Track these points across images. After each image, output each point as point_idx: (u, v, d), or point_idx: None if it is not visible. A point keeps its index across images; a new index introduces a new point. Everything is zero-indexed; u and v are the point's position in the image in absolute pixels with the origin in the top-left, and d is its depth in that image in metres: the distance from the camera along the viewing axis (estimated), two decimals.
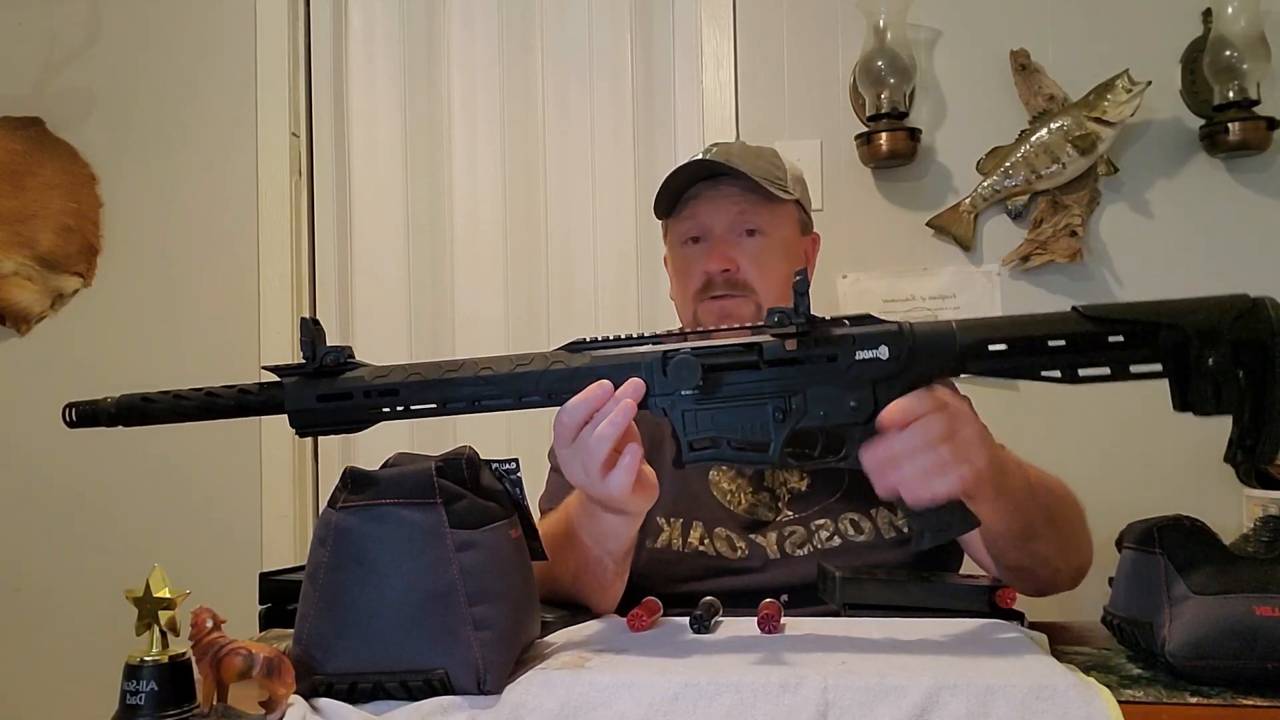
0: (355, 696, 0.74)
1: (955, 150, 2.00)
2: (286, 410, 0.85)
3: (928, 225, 1.99)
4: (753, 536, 1.17)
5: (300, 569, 0.85)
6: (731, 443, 0.83)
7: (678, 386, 0.82)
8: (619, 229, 2.16)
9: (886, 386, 0.81)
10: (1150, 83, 1.84)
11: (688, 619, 0.91)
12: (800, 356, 0.82)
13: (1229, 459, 0.79)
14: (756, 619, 0.89)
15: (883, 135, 1.94)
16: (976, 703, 0.66)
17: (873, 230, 2.00)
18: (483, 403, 0.85)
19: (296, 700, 0.71)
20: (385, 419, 0.85)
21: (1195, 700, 0.71)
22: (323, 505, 0.79)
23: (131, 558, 1.91)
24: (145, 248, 2.26)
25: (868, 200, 2.02)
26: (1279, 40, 1.85)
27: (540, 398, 0.84)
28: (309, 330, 0.85)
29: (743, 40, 2.08)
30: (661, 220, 1.32)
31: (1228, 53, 1.83)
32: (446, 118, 2.24)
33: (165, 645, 0.72)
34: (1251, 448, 0.77)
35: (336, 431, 0.86)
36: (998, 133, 1.96)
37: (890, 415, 0.80)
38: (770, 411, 0.82)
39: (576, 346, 0.86)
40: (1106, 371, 0.79)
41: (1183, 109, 1.94)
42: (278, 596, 1.06)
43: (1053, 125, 1.90)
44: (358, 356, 0.87)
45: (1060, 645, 0.86)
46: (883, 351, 0.81)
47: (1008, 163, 1.94)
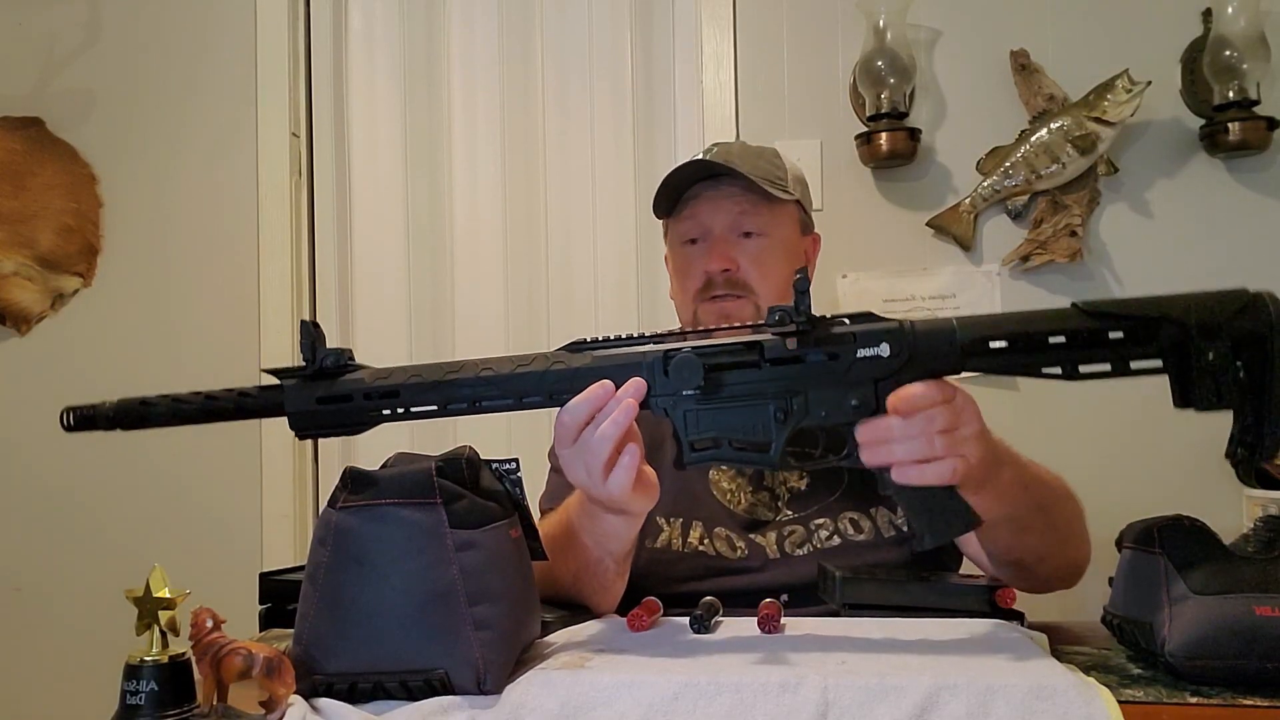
0: (355, 696, 0.74)
1: (955, 150, 2.00)
2: (286, 413, 0.85)
3: (928, 225, 1.99)
4: (752, 536, 1.17)
5: (300, 569, 0.85)
6: (733, 443, 0.83)
7: (679, 386, 0.82)
8: (619, 229, 2.16)
9: (888, 384, 0.81)
10: (1150, 83, 1.84)
11: (688, 619, 0.91)
12: (801, 355, 0.82)
13: (1230, 455, 0.79)
14: (756, 619, 0.89)
15: (883, 135, 1.94)
16: (976, 703, 0.67)
17: (873, 230, 2.00)
18: (484, 404, 0.85)
19: (296, 700, 0.71)
20: (386, 421, 0.85)
21: (1195, 700, 0.71)
22: (323, 505, 0.79)
23: (131, 558, 1.91)
24: (145, 248, 2.26)
25: (868, 200, 2.02)
26: (1279, 40, 1.85)
27: (541, 398, 0.84)
28: (309, 333, 0.84)
29: (743, 40, 2.08)
30: (661, 220, 1.32)
31: (1228, 53, 1.83)
32: (446, 118, 2.24)
33: (165, 645, 0.72)
34: (1252, 444, 0.77)
35: (337, 434, 0.86)
36: (998, 133, 1.96)
37: (899, 399, 0.80)
38: (772, 411, 0.82)
39: (577, 347, 0.86)
40: (1107, 368, 0.79)
41: (1183, 109, 1.94)
42: (278, 596, 1.06)
43: (1053, 125, 1.90)
44: (358, 356, 0.87)
45: (1060, 645, 0.86)
46: (884, 349, 0.81)
47: (1008, 163, 1.94)
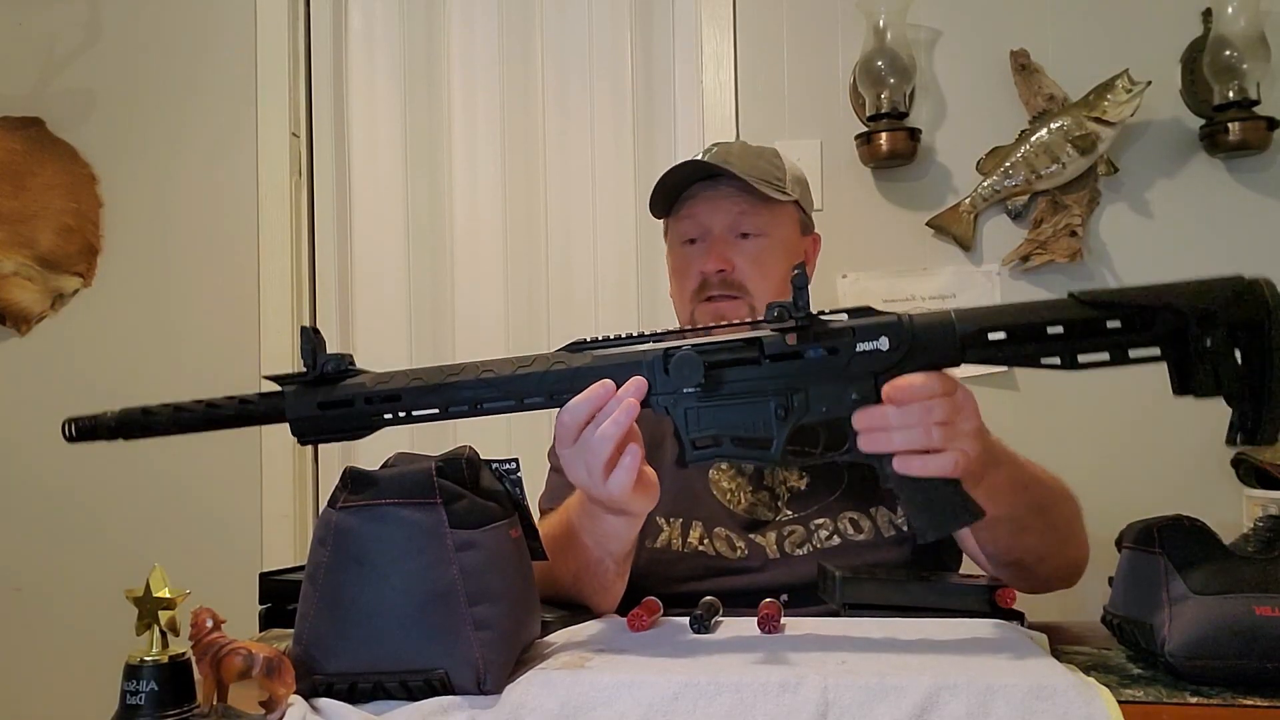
0: (355, 696, 0.74)
1: (955, 150, 2.00)
2: (288, 419, 0.85)
3: (928, 225, 1.99)
4: (752, 536, 1.17)
5: (300, 569, 0.85)
6: (734, 440, 0.83)
7: (680, 384, 0.82)
8: (619, 229, 2.16)
9: (888, 378, 0.81)
10: (1150, 83, 1.84)
11: (688, 619, 0.90)
12: (801, 350, 0.82)
13: (1230, 442, 0.79)
14: (756, 619, 0.89)
15: (883, 135, 1.94)
16: (976, 703, 0.66)
17: (873, 230, 2.00)
18: (485, 405, 0.85)
19: (296, 700, 0.71)
20: (387, 425, 0.85)
21: (1195, 700, 0.71)
22: (323, 505, 0.79)
23: (131, 558, 1.91)
24: (145, 248, 2.26)
25: (868, 200, 2.02)
26: (1279, 40, 1.85)
27: (542, 399, 0.84)
28: (309, 339, 0.84)
29: (743, 40, 2.08)
30: (661, 220, 1.32)
31: (1228, 53, 1.83)
32: (446, 118, 2.24)
33: (165, 645, 0.72)
34: (1252, 429, 0.77)
35: (339, 439, 0.86)
36: (998, 133, 1.96)
37: (893, 387, 0.80)
38: (773, 408, 0.82)
39: (577, 347, 0.86)
40: (1105, 357, 0.79)
41: (1183, 109, 1.94)
42: (278, 596, 1.06)
43: (1053, 125, 1.89)
44: (358, 356, 0.87)
45: (1060, 645, 0.86)
46: (883, 343, 0.81)
47: (1008, 163, 1.94)
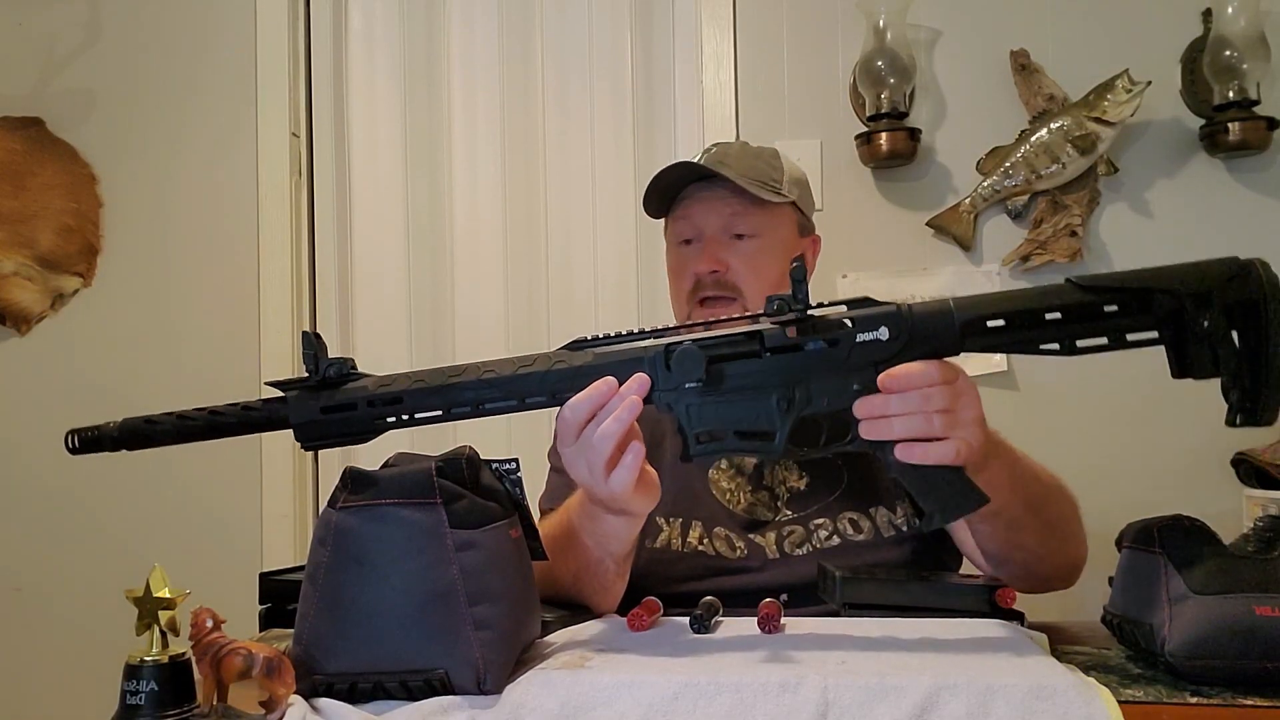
0: (355, 696, 0.74)
1: (955, 150, 2.00)
2: (291, 424, 0.85)
3: (928, 225, 1.99)
4: (752, 536, 1.17)
5: (300, 569, 0.85)
6: (737, 434, 0.83)
7: (682, 379, 0.82)
8: (619, 229, 2.16)
9: (889, 368, 0.81)
10: (1150, 83, 1.84)
11: (688, 619, 0.90)
12: (801, 343, 0.82)
13: (1230, 423, 0.79)
14: (756, 619, 0.89)
15: (883, 135, 1.94)
16: (976, 703, 0.66)
17: (873, 230, 2.01)
18: (487, 406, 0.84)
19: (296, 700, 0.71)
20: (390, 428, 0.85)
21: (1195, 700, 0.71)
22: (323, 505, 0.79)
23: (131, 557, 1.91)
24: (145, 248, 2.26)
25: (868, 200, 2.02)
26: (1279, 40, 1.86)
27: (545, 398, 0.84)
28: (310, 344, 0.84)
29: (743, 40, 2.08)
30: (662, 220, 1.32)
31: (1228, 53, 1.83)
32: (446, 118, 2.24)
33: (165, 645, 0.72)
34: (1252, 409, 0.77)
35: (342, 443, 0.86)
36: (998, 133, 1.96)
37: (889, 376, 0.80)
38: (775, 401, 0.82)
39: (578, 345, 0.86)
40: (1104, 341, 0.79)
41: (1183, 109, 1.94)
42: (278, 596, 1.06)
43: (1053, 125, 1.90)
44: (357, 356, 0.87)
45: (1060, 645, 0.86)
46: (883, 333, 0.81)
47: (1008, 163, 1.94)
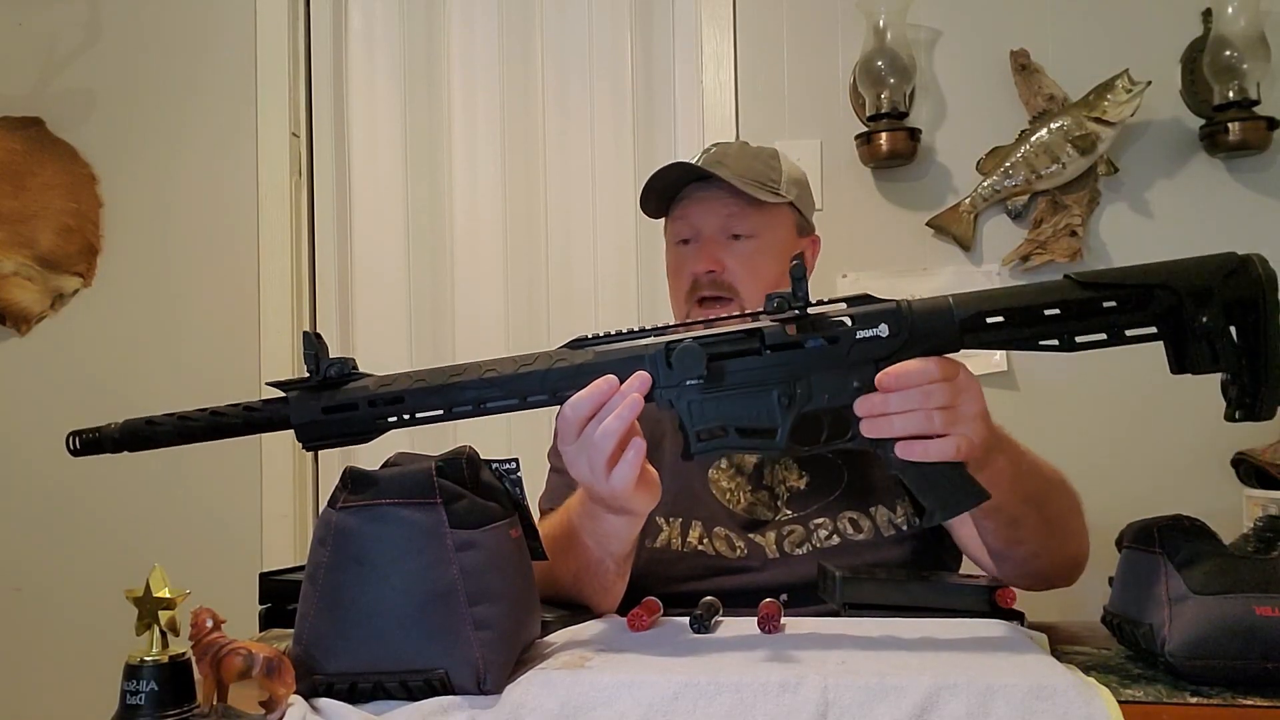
0: (355, 696, 0.74)
1: (955, 150, 2.00)
2: (293, 425, 0.85)
3: (928, 225, 1.99)
4: (752, 536, 1.17)
5: (300, 569, 0.85)
6: (739, 431, 0.83)
7: (683, 377, 0.82)
8: (619, 229, 2.16)
9: (889, 365, 0.81)
10: (1150, 83, 1.84)
11: (688, 619, 0.90)
12: (802, 340, 0.82)
13: (1230, 418, 0.79)
14: (756, 619, 0.89)
15: (883, 135, 1.94)
16: (976, 703, 0.66)
17: (873, 230, 2.00)
18: (488, 405, 0.84)
19: (296, 700, 0.71)
20: (392, 428, 0.85)
21: (1195, 700, 0.71)
22: (323, 505, 0.79)
23: (131, 557, 1.91)
24: (145, 248, 2.26)
25: (868, 200, 2.02)
26: (1279, 40, 1.85)
27: (546, 396, 0.84)
28: (311, 344, 0.84)
29: (743, 40, 2.08)
30: (661, 220, 1.32)
31: (1228, 53, 1.83)
32: (446, 118, 2.24)
33: (165, 645, 0.72)
34: (1250, 404, 0.77)
35: (344, 443, 0.85)
36: (998, 133, 1.96)
37: (887, 374, 0.80)
38: (776, 397, 0.82)
39: (579, 344, 0.86)
40: (1103, 337, 0.79)
41: (1183, 109, 1.94)
42: (278, 596, 1.06)
43: (1053, 125, 1.89)
44: (357, 355, 0.87)
45: (1060, 645, 0.86)
46: (882, 330, 0.81)
47: (1008, 163, 1.93)
